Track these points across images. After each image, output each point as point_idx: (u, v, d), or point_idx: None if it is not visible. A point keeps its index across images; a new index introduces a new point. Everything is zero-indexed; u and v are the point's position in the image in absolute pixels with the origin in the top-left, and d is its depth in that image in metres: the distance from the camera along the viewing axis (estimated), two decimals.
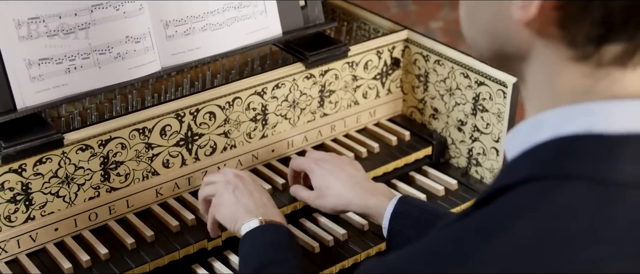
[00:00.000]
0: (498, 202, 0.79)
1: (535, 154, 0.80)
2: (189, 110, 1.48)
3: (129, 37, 1.43)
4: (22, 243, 1.37)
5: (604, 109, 0.78)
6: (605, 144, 0.77)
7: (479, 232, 0.77)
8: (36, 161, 1.34)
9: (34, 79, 1.35)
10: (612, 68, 0.79)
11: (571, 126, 0.79)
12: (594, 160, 0.77)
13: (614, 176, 0.75)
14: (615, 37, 0.76)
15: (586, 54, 0.78)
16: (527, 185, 0.78)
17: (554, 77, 0.81)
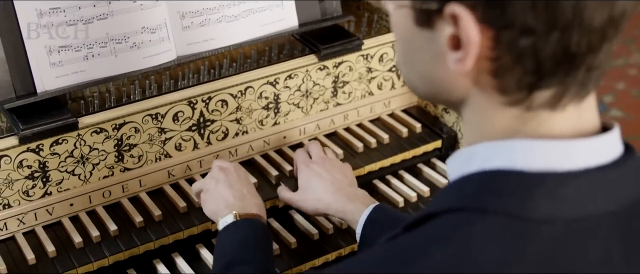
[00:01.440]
0: (422, 229, 0.84)
1: (461, 186, 0.85)
2: (201, 98, 1.56)
3: (145, 28, 1.51)
4: (39, 215, 1.49)
5: (526, 148, 0.83)
6: (523, 181, 0.82)
7: (400, 256, 0.83)
8: (53, 142, 1.44)
9: (53, 65, 1.45)
10: (541, 110, 0.83)
11: (495, 161, 0.84)
12: (511, 196, 0.81)
13: (529, 212, 0.80)
14: (546, 84, 0.81)
15: (518, 99, 0.82)
16: (449, 215, 0.83)
17: (486, 118, 0.85)
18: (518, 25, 0.77)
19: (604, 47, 0.80)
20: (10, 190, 1.44)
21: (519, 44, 0.78)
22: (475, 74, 0.82)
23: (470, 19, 0.78)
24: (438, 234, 0.82)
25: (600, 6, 0.77)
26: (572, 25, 0.77)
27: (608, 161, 0.84)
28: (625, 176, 0.85)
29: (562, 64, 0.79)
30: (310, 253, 1.52)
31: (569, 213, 0.81)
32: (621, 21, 0.80)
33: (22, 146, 1.41)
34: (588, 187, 0.82)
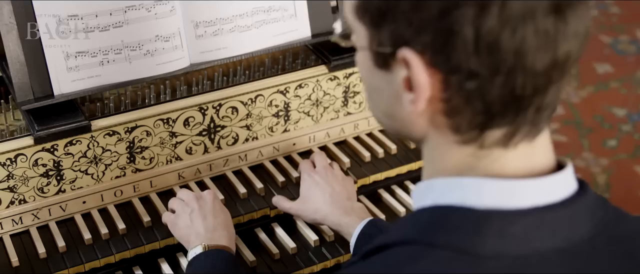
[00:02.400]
0: (375, 258, 0.89)
1: (415, 219, 0.89)
2: (211, 104, 1.62)
3: (159, 36, 1.57)
4: (53, 211, 1.56)
5: (476, 186, 0.86)
6: (472, 218, 0.85)
7: None
8: (67, 142, 1.52)
9: (70, 69, 1.52)
10: (494, 148, 0.86)
11: (449, 198, 0.87)
12: (460, 232, 0.85)
13: (477, 248, 0.84)
14: (496, 123, 0.84)
15: (471, 138, 0.86)
16: (401, 247, 0.87)
17: (443, 155, 0.89)
18: (464, 70, 0.81)
19: (552, 89, 0.84)
20: (25, 187, 1.52)
21: (466, 87, 0.82)
22: (431, 114, 0.86)
23: (419, 64, 0.82)
24: (389, 265, 0.87)
25: (542, 51, 0.80)
26: (515, 69, 0.80)
27: (559, 199, 0.87)
28: (575, 214, 0.88)
29: (510, 105, 0.83)
30: (306, 259, 1.57)
31: (515, 250, 0.84)
32: (566, 64, 0.83)
33: (37, 145, 1.49)
34: (535, 225, 0.85)
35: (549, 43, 0.80)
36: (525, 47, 0.79)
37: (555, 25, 0.80)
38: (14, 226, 1.54)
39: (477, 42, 0.79)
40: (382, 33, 0.85)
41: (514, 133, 0.85)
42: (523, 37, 0.79)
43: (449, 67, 0.81)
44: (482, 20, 0.79)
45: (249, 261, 1.54)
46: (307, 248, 1.59)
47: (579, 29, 0.83)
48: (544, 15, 0.79)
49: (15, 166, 1.49)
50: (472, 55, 0.80)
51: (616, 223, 0.94)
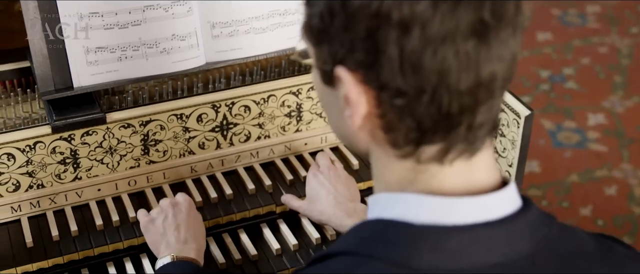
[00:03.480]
0: (317, 266, 0.94)
1: (358, 231, 0.94)
2: (224, 102, 1.69)
3: (175, 35, 1.65)
4: (69, 197, 1.65)
5: (415, 202, 0.90)
6: (410, 232, 0.89)
7: None
8: (83, 132, 1.60)
9: (90, 63, 1.61)
10: (431, 164, 0.90)
11: (390, 212, 0.92)
12: (397, 245, 0.89)
13: (413, 262, 0.87)
14: (430, 140, 0.88)
15: (407, 153, 0.90)
16: (341, 257, 0.92)
17: (385, 169, 0.93)
18: (392, 88, 0.85)
19: (481, 109, 0.87)
20: (44, 172, 1.61)
21: (395, 103, 0.86)
22: (370, 129, 0.90)
23: (351, 81, 0.87)
24: (328, 273, 0.92)
25: (464, 72, 0.83)
26: (439, 88, 0.84)
27: (498, 216, 0.91)
28: (514, 231, 0.91)
29: (440, 123, 0.86)
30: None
31: (451, 264, 0.88)
32: (492, 85, 0.86)
33: (55, 134, 1.58)
34: (471, 241, 0.89)
35: (471, 65, 0.83)
36: (447, 68, 0.83)
37: (477, 48, 0.83)
38: (31, 209, 1.63)
39: (401, 61, 0.83)
40: (323, 51, 0.90)
41: (448, 150, 0.89)
42: (444, 58, 0.82)
43: (379, 85, 0.85)
44: (405, 41, 0.82)
45: (251, 255, 1.60)
46: (309, 246, 1.64)
47: (503, 53, 0.85)
48: (464, 38, 0.82)
49: (34, 152, 1.58)
50: (398, 74, 0.83)
51: (561, 241, 0.96)
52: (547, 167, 3.28)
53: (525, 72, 3.86)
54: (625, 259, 1.02)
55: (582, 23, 4.28)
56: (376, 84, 0.85)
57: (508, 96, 1.68)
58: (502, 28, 0.85)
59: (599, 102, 3.66)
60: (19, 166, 1.58)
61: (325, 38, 0.88)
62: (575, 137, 3.44)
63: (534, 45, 4.08)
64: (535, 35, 4.16)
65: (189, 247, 1.47)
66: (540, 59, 3.97)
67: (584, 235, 1.01)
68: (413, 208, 0.90)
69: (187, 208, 1.54)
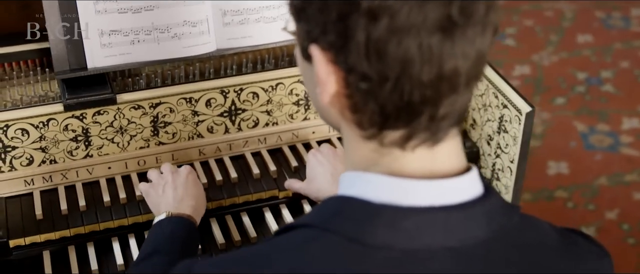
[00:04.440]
0: (280, 237, 0.97)
1: (322, 206, 0.98)
2: (233, 88, 1.74)
3: (187, 21, 1.70)
4: (80, 173, 1.72)
5: (376, 181, 0.93)
6: (367, 209, 0.92)
7: (253, 258, 0.97)
8: (95, 112, 1.66)
9: (104, 46, 1.67)
10: (393, 148, 0.93)
11: (352, 190, 0.95)
12: (354, 221, 0.92)
13: (367, 238, 0.91)
14: (392, 125, 0.91)
15: (371, 135, 0.93)
16: (302, 229, 0.96)
17: (353, 148, 0.97)
18: (358, 72, 0.88)
19: (444, 102, 0.89)
20: (56, 148, 1.68)
21: (360, 87, 0.89)
22: (340, 108, 0.94)
23: (321, 60, 0.90)
24: (287, 244, 0.95)
25: (427, 64, 0.86)
26: (401, 77, 0.86)
27: (456, 201, 0.93)
28: (470, 217, 0.93)
29: (402, 111, 0.89)
30: None
31: (405, 244, 0.91)
32: (454, 80, 0.88)
33: (67, 112, 1.64)
34: (427, 223, 0.91)
35: (434, 58, 0.85)
36: (410, 59, 0.85)
37: (441, 43, 0.85)
38: (44, 183, 1.70)
39: (367, 47, 0.86)
40: (302, 28, 0.93)
41: (410, 137, 0.91)
42: (407, 49, 0.85)
43: (347, 67, 0.89)
44: (372, 29, 0.85)
45: (251, 237, 1.65)
46: None
47: (468, 50, 0.87)
48: (429, 32, 0.85)
49: (47, 129, 1.65)
50: (364, 59, 0.87)
51: (520, 231, 0.98)
52: (576, 169, 3.27)
53: (562, 73, 3.84)
54: (588, 254, 1.03)
55: (625, 26, 4.24)
56: (345, 66, 0.89)
57: (511, 92, 1.70)
58: (470, 26, 0.87)
59: (635, 106, 3.62)
60: (32, 142, 1.65)
61: (304, 17, 0.91)
62: (608, 141, 3.42)
63: (573, 47, 4.05)
64: (575, 37, 4.13)
65: (186, 204, 1.52)
66: (578, 61, 3.94)
67: (547, 228, 1.03)
68: (372, 186, 0.93)
69: (186, 173, 1.60)
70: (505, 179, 1.76)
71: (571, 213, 3.06)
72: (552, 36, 4.14)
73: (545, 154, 3.35)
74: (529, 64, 3.92)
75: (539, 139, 3.43)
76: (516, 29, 4.21)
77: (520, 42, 4.09)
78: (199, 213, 1.55)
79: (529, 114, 1.65)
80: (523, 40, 4.11)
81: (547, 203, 3.10)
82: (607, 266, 1.05)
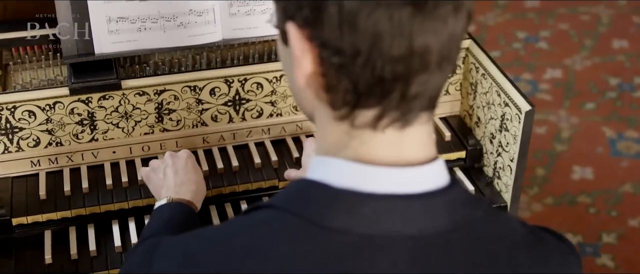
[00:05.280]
0: (246, 216, 0.99)
1: (287, 188, 0.99)
2: (237, 78, 1.76)
3: (193, 11, 1.73)
4: (85, 156, 1.76)
5: (339, 165, 0.95)
6: (328, 193, 0.94)
7: (217, 234, 0.99)
8: (100, 96, 1.70)
9: (111, 32, 1.71)
10: (365, 129, 0.94)
11: (315, 174, 0.97)
12: (314, 204, 0.94)
13: (325, 221, 0.92)
14: (365, 104, 0.92)
15: (344, 115, 0.94)
16: (267, 209, 0.98)
17: (325, 131, 0.98)
18: (332, 46, 0.89)
19: (416, 79, 0.90)
20: (62, 131, 1.72)
21: (334, 62, 0.90)
22: (315, 88, 0.95)
23: (297, 36, 0.91)
24: (249, 223, 0.97)
25: (397, 37, 0.86)
26: (372, 51, 0.87)
27: (418, 190, 0.94)
28: (431, 207, 0.94)
29: (374, 87, 0.90)
30: None
31: (363, 229, 0.92)
32: (426, 56, 0.88)
33: (73, 96, 1.68)
34: (386, 210, 0.92)
35: (404, 32, 0.86)
36: (380, 31, 0.86)
37: (412, 17, 0.86)
38: (50, 165, 1.75)
39: (340, 20, 0.87)
40: (279, 8, 0.95)
41: (381, 116, 0.92)
42: (377, 21, 0.86)
43: (321, 42, 0.90)
44: (343, 1, 0.86)
45: None
46: None
47: (439, 28, 0.88)
48: (400, 5, 0.86)
49: (53, 111, 1.69)
50: (337, 32, 0.88)
51: (484, 224, 0.99)
52: (600, 175, 3.23)
53: (594, 78, 3.80)
54: (553, 251, 1.03)
55: None
56: (319, 41, 0.90)
57: (512, 91, 1.70)
58: (441, 4, 0.88)
59: None
60: (39, 123, 1.69)
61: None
62: (636, 148, 3.37)
63: (607, 52, 4.00)
64: (610, 42, 4.08)
65: (186, 189, 1.54)
66: (612, 66, 3.89)
67: (516, 223, 1.03)
68: (334, 171, 0.94)
69: (186, 157, 1.62)
70: (505, 177, 1.76)
71: (592, 218, 3.03)
72: (586, 41, 4.10)
73: (570, 159, 3.32)
74: (561, 68, 3.88)
75: (565, 143, 3.40)
76: (550, 32, 4.16)
77: (554, 46, 4.05)
78: (198, 198, 1.57)
79: (528, 112, 1.65)
80: (556, 43, 4.07)
81: (569, 208, 3.07)
82: (574, 265, 1.05)
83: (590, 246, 2.92)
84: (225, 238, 0.97)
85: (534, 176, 3.22)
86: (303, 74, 0.93)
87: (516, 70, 3.86)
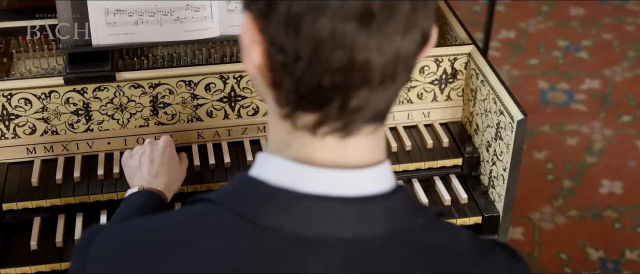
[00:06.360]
0: (188, 208, 0.99)
1: (228, 183, 0.99)
2: (232, 75, 1.76)
3: (190, 6, 1.73)
4: (80, 146, 1.78)
5: (277, 163, 0.94)
6: (262, 190, 0.93)
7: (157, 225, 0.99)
8: (95, 87, 1.72)
9: (109, 24, 1.73)
10: (305, 132, 0.93)
11: (255, 170, 0.96)
12: (249, 201, 0.93)
13: (260, 218, 0.92)
14: (305, 107, 0.91)
15: (287, 114, 0.93)
16: (205, 203, 0.97)
17: (272, 127, 0.97)
18: (277, 44, 0.88)
19: (356, 93, 0.88)
20: (58, 120, 1.74)
21: (277, 59, 0.89)
22: (265, 82, 0.94)
23: (249, 26, 0.90)
24: (185, 215, 0.98)
25: (338, 50, 0.85)
26: (313, 57, 0.86)
27: (354, 194, 0.93)
28: (367, 212, 0.92)
29: (314, 94, 0.89)
30: None
31: (295, 228, 0.91)
32: (367, 73, 0.87)
33: (67, 86, 1.71)
34: (319, 211, 0.91)
35: (346, 46, 0.85)
36: (321, 40, 0.85)
37: (356, 32, 0.85)
38: (45, 153, 1.77)
39: (286, 20, 0.86)
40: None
41: (320, 123, 0.91)
42: (320, 30, 0.85)
43: (270, 38, 0.89)
44: (293, 2, 0.85)
45: None
46: None
47: (384, 47, 0.86)
48: (345, 19, 0.85)
49: (49, 100, 1.71)
50: (283, 32, 0.87)
51: (425, 232, 0.96)
52: (630, 190, 3.15)
53: (633, 90, 3.71)
54: (499, 266, 1.00)
55: None
56: (268, 36, 0.89)
57: (507, 99, 1.66)
58: (391, 23, 0.86)
59: None
60: (35, 111, 1.72)
61: None
62: None
63: None
64: None
65: (159, 180, 1.55)
66: None
67: (462, 235, 1.00)
68: (272, 169, 0.94)
69: (163, 147, 1.62)
70: (498, 187, 1.72)
71: (617, 234, 2.95)
72: (629, 52, 4.00)
73: (600, 172, 3.24)
74: (600, 79, 3.79)
75: (596, 155, 3.32)
76: (592, 42, 4.07)
77: (594, 56, 3.96)
78: (171, 189, 1.58)
79: (520, 121, 1.61)
80: (597, 53, 3.98)
81: (593, 222, 3.00)
82: None
83: (612, 261, 2.85)
84: (162, 229, 0.98)
85: (561, 188, 3.15)
86: (251, 64, 0.93)
87: (553, 79, 3.78)
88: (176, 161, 1.63)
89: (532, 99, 3.65)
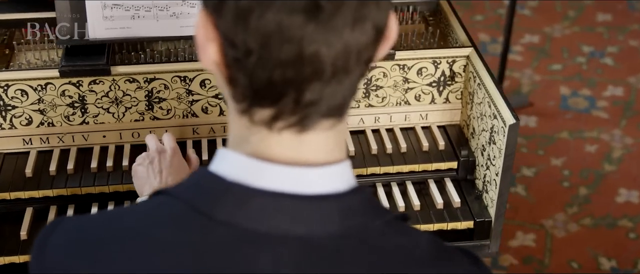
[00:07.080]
0: (150, 200, 0.99)
1: (187, 177, 0.99)
2: None
3: (186, 1, 1.74)
4: (76, 138, 1.80)
5: (233, 159, 0.94)
6: (217, 184, 0.93)
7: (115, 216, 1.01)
8: (91, 80, 1.73)
9: (106, 18, 1.74)
10: (262, 127, 0.93)
11: (215, 165, 0.96)
12: (202, 193, 0.94)
13: (214, 212, 0.92)
14: (260, 102, 0.91)
15: (243, 109, 0.93)
16: (163, 195, 0.97)
17: (232, 122, 0.97)
18: (229, 40, 0.88)
19: (309, 87, 0.87)
20: (54, 112, 1.76)
21: (230, 55, 0.89)
22: (224, 78, 0.94)
23: (203, 22, 0.90)
24: (143, 207, 1.00)
25: (286, 44, 0.85)
26: (263, 52, 0.86)
27: (309, 192, 0.92)
28: (323, 209, 0.92)
29: (267, 87, 0.89)
30: None
31: (249, 224, 0.91)
32: (318, 66, 0.86)
33: (63, 78, 1.72)
34: (273, 207, 0.91)
35: (294, 39, 0.85)
36: (269, 34, 0.85)
37: (303, 25, 0.84)
38: (41, 144, 1.79)
39: (235, 15, 0.86)
40: None
41: (276, 118, 0.91)
42: (266, 24, 0.85)
43: (222, 33, 0.89)
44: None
45: None
46: None
47: (333, 40, 0.86)
48: (291, 12, 0.84)
49: (45, 92, 1.73)
50: (233, 27, 0.87)
51: (381, 234, 0.95)
52: None
53: None
54: (458, 269, 0.99)
55: None
56: (221, 32, 0.89)
57: (501, 103, 1.64)
58: (338, 15, 0.86)
59: None
60: (31, 103, 1.74)
61: None
62: None
63: None
64: None
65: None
66: None
67: (423, 239, 0.99)
68: (229, 163, 0.94)
69: (171, 155, 1.62)
70: (491, 192, 1.70)
71: (631, 244, 2.90)
72: None
73: (618, 180, 3.19)
74: (623, 86, 3.73)
75: (615, 163, 3.27)
76: (618, 49, 4.01)
77: (619, 62, 3.90)
78: None
79: (512, 126, 1.59)
80: (623, 60, 3.92)
81: (607, 231, 2.95)
82: None
83: (623, 272, 2.80)
84: (117, 218, 0.99)
85: (576, 195, 3.11)
86: (206, 60, 0.93)
87: (575, 85, 3.73)
88: (185, 167, 1.63)
89: (553, 105, 3.60)
